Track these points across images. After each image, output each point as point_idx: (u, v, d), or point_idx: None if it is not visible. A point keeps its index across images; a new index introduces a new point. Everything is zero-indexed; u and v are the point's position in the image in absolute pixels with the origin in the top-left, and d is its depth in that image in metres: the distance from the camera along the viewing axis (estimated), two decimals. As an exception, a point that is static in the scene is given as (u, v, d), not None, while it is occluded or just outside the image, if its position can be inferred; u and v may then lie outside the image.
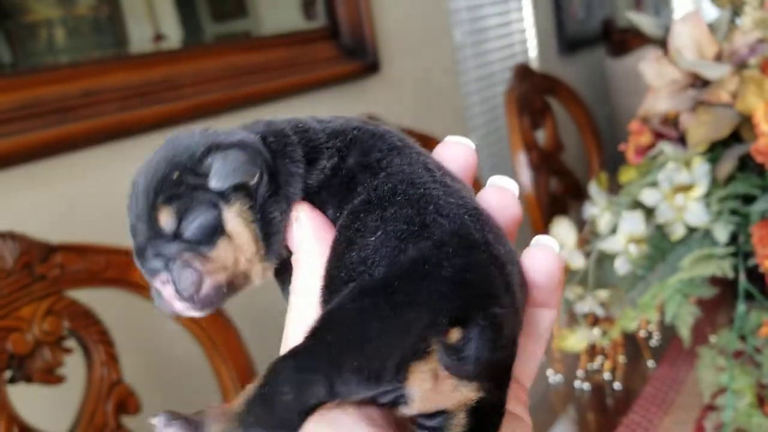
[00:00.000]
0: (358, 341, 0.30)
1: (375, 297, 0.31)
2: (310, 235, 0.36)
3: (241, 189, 0.36)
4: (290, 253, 0.37)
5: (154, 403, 0.99)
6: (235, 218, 0.36)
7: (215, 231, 0.36)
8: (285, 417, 0.30)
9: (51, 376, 0.87)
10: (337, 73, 1.78)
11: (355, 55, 1.84)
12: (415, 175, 0.35)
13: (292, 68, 1.67)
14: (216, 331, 0.98)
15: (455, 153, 0.38)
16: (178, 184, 0.36)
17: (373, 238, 0.33)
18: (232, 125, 0.39)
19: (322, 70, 1.74)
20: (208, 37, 1.60)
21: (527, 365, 0.37)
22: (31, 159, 1.18)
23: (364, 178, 0.36)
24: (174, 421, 0.32)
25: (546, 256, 0.35)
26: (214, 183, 0.35)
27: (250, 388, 0.31)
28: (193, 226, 0.35)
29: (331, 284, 0.34)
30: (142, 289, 0.96)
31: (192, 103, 1.43)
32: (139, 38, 1.45)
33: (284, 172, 0.37)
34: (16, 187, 1.17)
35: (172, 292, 0.36)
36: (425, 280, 0.31)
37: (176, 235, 0.36)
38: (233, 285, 0.37)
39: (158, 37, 1.49)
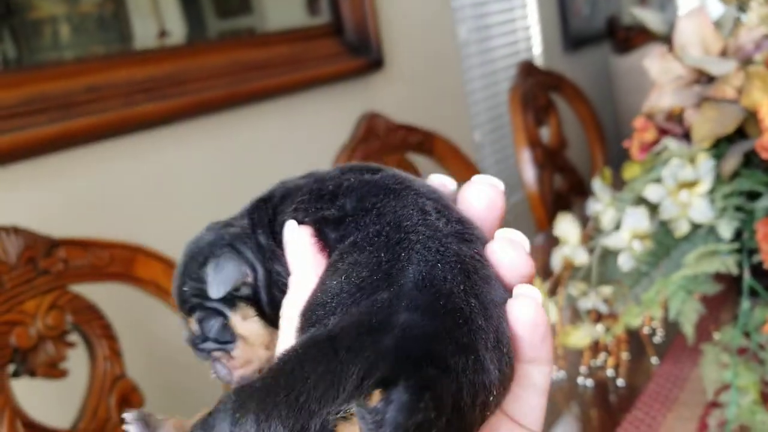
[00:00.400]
0: (291, 393, 0.29)
1: (318, 349, 0.30)
2: (296, 254, 0.37)
3: (242, 288, 0.39)
4: None
5: (157, 398, 0.99)
6: (241, 322, 0.40)
7: (231, 334, 0.40)
8: None
9: (54, 370, 0.87)
10: (341, 70, 1.78)
11: (359, 52, 1.84)
12: (405, 218, 0.34)
13: (296, 65, 1.67)
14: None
15: (480, 194, 0.37)
16: (192, 296, 0.40)
17: (335, 283, 0.33)
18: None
19: (326, 66, 1.74)
20: (212, 33, 1.60)
21: (532, 415, 0.35)
22: (36, 154, 1.18)
23: (359, 220, 0.36)
24: (137, 422, 0.36)
25: (526, 307, 0.33)
26: (213, 293, 0.39)
27: (204, 413, 0.32)
28: (212, 332, 0.40)
29: (308, 315, 0.34)
30: (145, 284, 0.96)
31: (196, 99, 1.43)
32: (144, 34, 1.45)
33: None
34: (21, 183, 1.17)
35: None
36: (369, 335, 0.29)
37: (206, 338, 0.40)
38: (264, 367, 0.40)
39: (163, 34, 1.49)
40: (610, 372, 0.96)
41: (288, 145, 1.66)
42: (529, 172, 1.80)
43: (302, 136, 1.69)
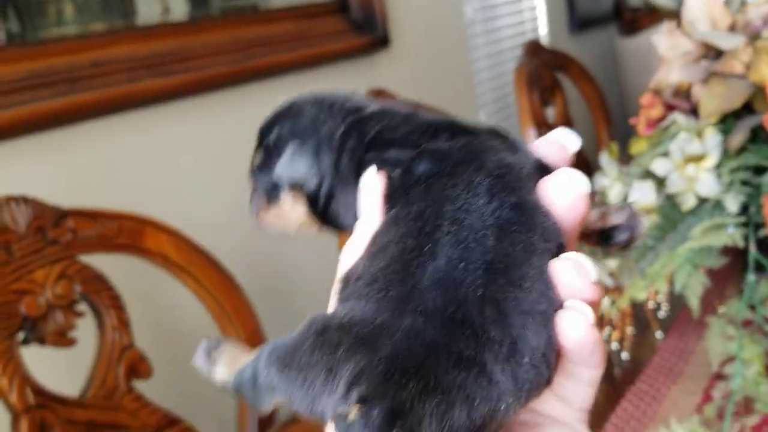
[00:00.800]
0: (302, 373, 0.31)
1: (326, 338, 0.31)
2: (366, 204, 0.37)
3: (302, 186, 0.40)
4: None
5: (165, 369, 1.00)
6: (289, 202, 0.40)
7: (273, 197, 0.41)
8: (256, 397, 0.34)
9: (63, 339, 0.88)
10: (346, 47, 1.78)
11: (365, 30, 1.83)
12: (448, 200, 0.32)
13: (300, 42, 1.66)
14: (225, 297, 0.99)
15: (563, 191, 0.34)
16: (271, 142, 0.41)
17: (365, 262, 0.34)
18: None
19: (330, 44, 1.73)
20: (215, 10, 1.60)
21: (578, 400, 0.36)
22: (41, 129, 1.19)
23: (409, 191, 0.35)
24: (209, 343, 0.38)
25: (575, 324, 0.31)
26: (277, 168, 0.40)
27: (252, 354, 0.35)
28: (261, 180, 0.41)
29: (342, 285, 0.35)
30: (153, 255, 0.96)
31: (199, 75, 1.43)
32: (147, 11, 1.44)
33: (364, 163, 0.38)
34: (26, 157, 1.18)
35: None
36: (370, 336, 0.30)
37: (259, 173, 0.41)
38: (283, 231, 0.43)
39: (166, 11, 1.49)
40: (614, 345, 0.96)
41: (293, 122, 1.65)
42: (534, 152, 1.80)
43: (307, 113, 1.69)
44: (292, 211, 0.40)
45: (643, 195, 0.92)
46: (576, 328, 0.31)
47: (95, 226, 0.91)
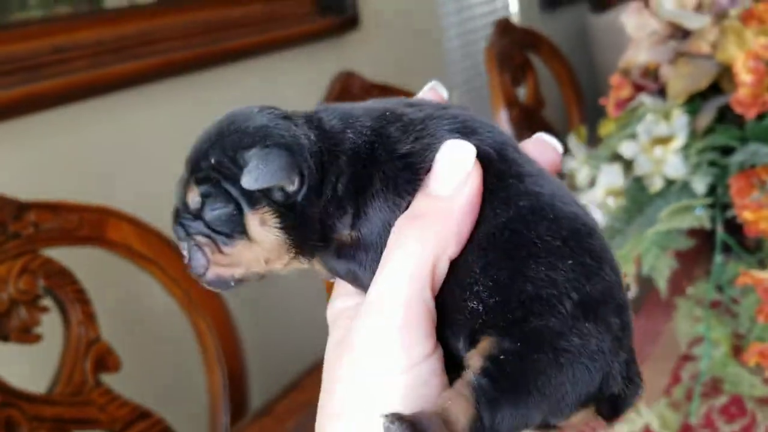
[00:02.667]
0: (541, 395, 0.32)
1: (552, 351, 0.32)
2: (465, 196, 0.34)
3: (276, 191, 0.35)
4: (352, 238, 0.36)
5: (134, 361, 0.99)
6: (258, 225, 0.35)
7: (234, 229, 0.35)
8: None
9: (28, 335, 0.86)
10: (316, 29, 1.76)
11: (334, 10, 1.81)
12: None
13: (267, 24, 1.64)
14: (192, 286, 0.97)
15: (544, 152, 0.39)
16: (213, 169, 0.35)
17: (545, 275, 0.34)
18: (209, 83, 0.39)
19: (300, 25, 1.71)
20: (182, -8, 1.56)
21: None
22: (1, 117, 1.16)
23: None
24: (397, 422, 0.30)
25: None
26: (245, 181, 0.34)
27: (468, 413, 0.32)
28: (213, 215, 0.35)
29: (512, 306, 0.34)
30: (116, 247, 0.95)
31: (166, 59, 1.40)
32: (113, -5, 1.41)
33: (348, 172, 0.35)
34: (-13, 146, 1.15)
35: (186, 261, 0.37)
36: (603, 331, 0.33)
37: (198, 216, 0.36)
38: (243, 280, 0.37)
39: (132, -6, 1.46)
40: (585, 328, 0.96)
41: (262, 106, 1.63)
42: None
43: (275, 97, 1.67)
44: (264, 235, 0.35)
45: (611, 178, 0.92)
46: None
47: (56, 218, 0.89)
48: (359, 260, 0.36)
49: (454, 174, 0.34)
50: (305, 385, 0.93)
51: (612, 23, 2.85)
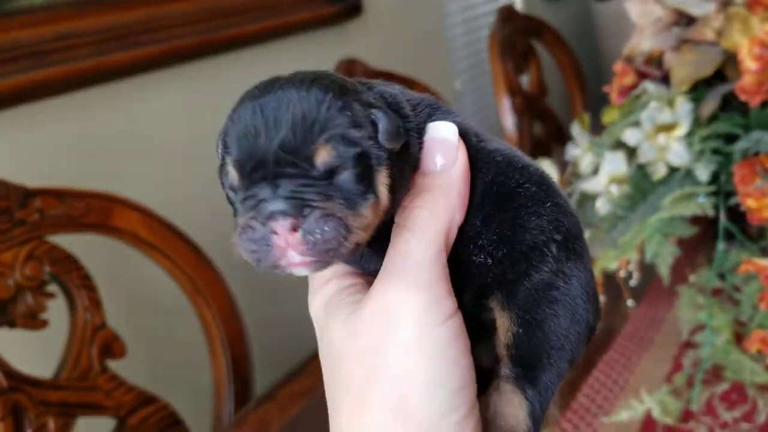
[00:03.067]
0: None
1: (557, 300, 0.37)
2: (458, 173, 0.37)
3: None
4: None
5: (139, 347, 1.00)
6: (384, 182, 0.34)
7: (368, 188, 0.33)
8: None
9: (34, 321, 0.87)
10: (319, 16, 1.75)
11: (337, -3, 1.80)
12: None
13: (270, 11, 1.63)
14: (197, 273, 0.98)
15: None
16: (351, 126, 0.33)
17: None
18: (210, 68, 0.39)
19: (302, 12, 1.70)
20: (185, -22, 1.56)
21: None
22: (4, 105, 1.16)
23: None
24: None
25: None
26: (385, 139, 0.34)
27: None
28: (350, 177, 0.32)
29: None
30: (123, 234, 0.95)
31: (169, 46, 1.40)
32: (115, -20, 1.40)
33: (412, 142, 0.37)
34: (-8, 133, 1.15)
35: (298, 240, 0.31)
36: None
37: (326, 179, 0.32)
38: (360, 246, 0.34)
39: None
40: (587, 315, 0.97)
41: (266, 93, 1.63)
42: (508, 121, 1.80)
43: (280, 84, 1.67)
44: (384, 194, 0.34)
45: (614, 165, 0.92)
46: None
47: (62, 205, 0.90)
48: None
49: (446, 151, 0.37)
50: (309, 371, 0.94)
51: (616, 10, 2.84)
